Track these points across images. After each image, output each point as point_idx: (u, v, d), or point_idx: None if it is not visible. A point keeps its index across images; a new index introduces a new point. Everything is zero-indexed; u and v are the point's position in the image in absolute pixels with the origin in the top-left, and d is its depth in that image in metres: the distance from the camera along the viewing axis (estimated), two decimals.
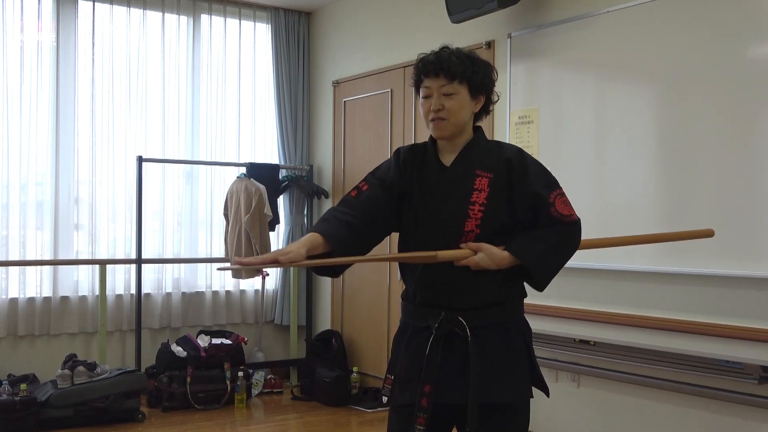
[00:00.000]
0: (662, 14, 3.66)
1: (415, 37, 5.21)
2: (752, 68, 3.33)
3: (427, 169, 2.23)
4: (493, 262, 2.09)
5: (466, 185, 2.16)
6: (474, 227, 2.12)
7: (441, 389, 2.11)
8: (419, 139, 5.16)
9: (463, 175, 2.17)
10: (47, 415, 4.61)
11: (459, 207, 2.14)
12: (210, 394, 5.25)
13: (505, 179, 2.14)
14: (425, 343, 2.13)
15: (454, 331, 2.12)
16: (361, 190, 2.24)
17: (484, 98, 2.24)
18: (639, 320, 3.58)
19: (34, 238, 5.32)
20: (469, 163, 2.19)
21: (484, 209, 2.12)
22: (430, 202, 2.18)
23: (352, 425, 5.02)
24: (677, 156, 3.60)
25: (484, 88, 2.23)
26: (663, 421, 3.66)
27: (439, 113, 2.17)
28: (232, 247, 5.63)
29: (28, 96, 5.29)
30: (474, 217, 2.12)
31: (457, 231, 2.13)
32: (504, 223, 2.14)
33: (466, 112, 2.20)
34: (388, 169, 2.27)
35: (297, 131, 6.20)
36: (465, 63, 2.18)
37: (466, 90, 2.18)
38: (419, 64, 2.24)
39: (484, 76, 2.22)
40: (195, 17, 5.86)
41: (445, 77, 2.16)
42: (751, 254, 3.30)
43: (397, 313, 5.73)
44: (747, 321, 3.26)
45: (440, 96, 2.17)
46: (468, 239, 2.12)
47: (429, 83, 2.20)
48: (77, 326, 5.42)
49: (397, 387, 2.21)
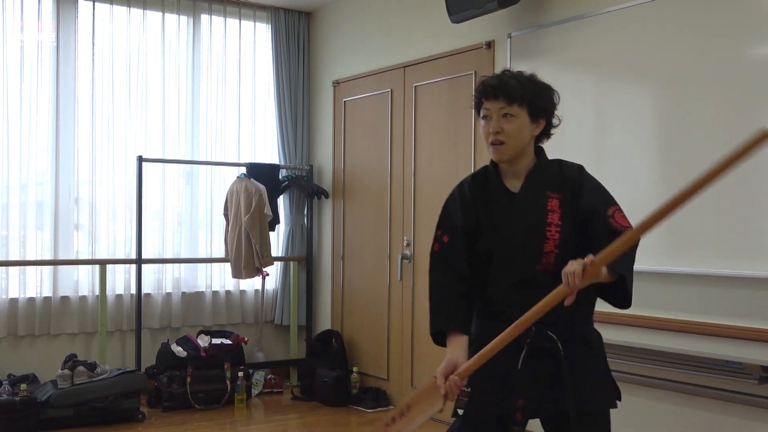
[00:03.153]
0: (662, 14, 3.66)
1: (415, 38, 5.21)
2: (752, 68, 3.33)
3: (493, 196, 2.25)
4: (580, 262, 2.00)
5: (539, 208, 2.19)
6: (553, 248, 2.16)
7: (534, 404, 2.16)
8: (419, 140, 5.17)
9: (535, 199, 2.20)
10: (47, 415, 4.61)
11: (536, 230, 2.17)
12: (210, 394, 5.25)
13: (569, 198, 2.20)
14: (511, 358, 2.16)
15: (543, 345, 2.16)
16: (443, 242, 2.27)
17: (544, 122, 2.25)
18: (639, 320, 3.58)
19: (34, 238, 5.32)
20: (538, 185, 2.22)
21: (560, 229, 2.17)
22: (505, 228, 2.20)
23: (352, 425, 5.02)
24: (677, 156, 3.60)
25: (545, 111, 2.24)
26: (663, 421, 3.66)
27: (498, 136, 2.18)
28: (232, 247, 5.63)
29: (28, 96, 5.29)
30: (552, 238, 2.16)
31: (536, 254, 2.17)
32: (576, 242, 2.18)
33: (525, 136, 2.21)
34: (456, 211, 2.28)
35: (297, 131, 6.20)
36: (525, 86, 2.20)
37: (525, 113, 2.19)
38: (480, 87, 2.24)
39: (545, 100, 2.24)
40: (195, 17, 5.86)
41: (504, 100, 2.17)
42: (751, 254, 3.30)
43: (397, 313, 5.76)
44: (747, 321, 3.25)
45: (499, 118, 2.18)
46: (548, 260, 2.16)
47: (489, 105, 2.20)
48: (77, 326, 5.42)
49: (477, 398, 2.21)
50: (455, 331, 2.20)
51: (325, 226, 6.13)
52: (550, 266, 2.17)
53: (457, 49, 4.86)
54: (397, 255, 5.33)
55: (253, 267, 5.64)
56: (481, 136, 2.29)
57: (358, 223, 5.76)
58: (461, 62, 4.85)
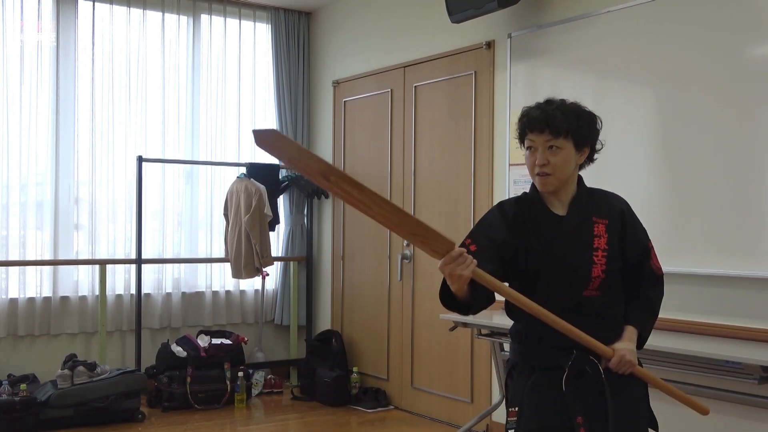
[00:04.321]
0: (662, 14, 3.66)
1: (415, 37, 5.21)
2: (752, 68, 3.33)
3: (540, 220, 2.25)
4: (633, 351, 2.23)
5: (587, 232, 2.22)
6: (600, 272, 2.19)
7: (592, 418, 2.16)
8: (419, 139, 5.18)
9: (582, 223, 2.23)
10: (47, 415, 4.61)
11: (584, 255, 2.20)
12: (210, 394, 5.25)
13: (618, 226, 2.25)
14: (555, 380, 2.19)
15: (584, 369, 2.18)
16: (469, 250, 2.16)
17: (588, 149, 2.29)
18: None
19: (34, 238, 5.32)
20: (585, 211, 2.25)
21: (606, 254, 2.21)
22: (553, 252, 2.21)
23: (352, 425, 5.02)
24: (677, 155, 3.60)
25: (589, 140, 2.27)
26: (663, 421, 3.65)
27: (544, 168, 2.19)
28: (232, 247, 5.63)
29: (28, 96, 5.29)
30: (599, 263, 2.19)
31: (584, 278, 2.19)
32: (619, 266, 2.24)
33: (570, 166, 2.23)
34: (493, 226, 2.24)
35: (297, 131, 6.20)
36: (570, 118, 2.21)
37: (571, 144, 2.21)
38: (524, 118, 2.24)
39: (590, 129, 2.27)
40: (195, 17, 5.86)
41: (550, 133, 2.18)
42: (751, 254, 3.30)
43: (397, 313, 5.74)
44: (747, 321, 3.26)
45: (545, 150, 2.19)
46: (594, 285, 2.20)
47: (534, 137, 2.21)
48: (77, 326, 5.42)
49: (531, 415, 2.22)
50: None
51: (325, 226, 6.13)
52: (594, 291, 2.21)
53: (457, 49, 4.86)
54: (397, 255, 5.33)
55: (253, 267, 5.64)
56: (481, 136, 2.29)
57: (358, 223, 5.75)
58: (461, 62, 4.85)
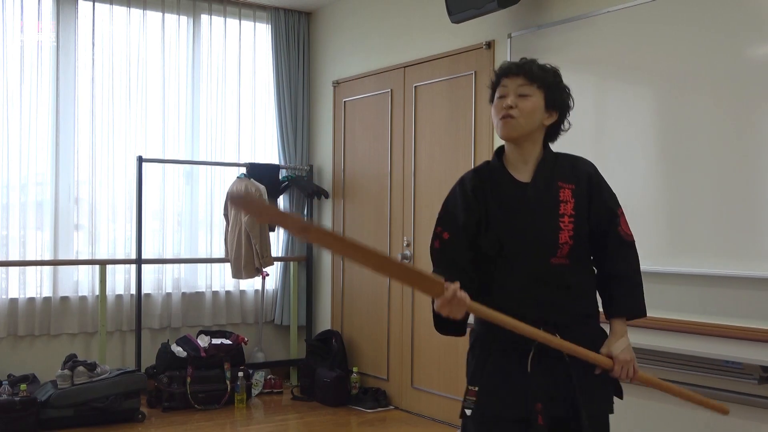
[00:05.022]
0: (662, 14, 3.66)
1: (415, 37, 5.21)
2: (752, 68, 3.33)
3: (502, 188, 2.21)
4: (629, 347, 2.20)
5: (552, 198, 2.16)
6: (568, 239, 2.14)
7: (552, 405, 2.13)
8: (419, 140, 5.17)
9: (547, 189, 2.18)
10: (47, 415, 4.61)
11: (550, 221, 2.14)
12: (210, 394, 5.25)
13: (585, 190, 2.19)
14: (519, 360, 2.13)
15: (550, 349, 2.12)
16: (443, 239, 2.22)
17: (556, 116, 2.23)
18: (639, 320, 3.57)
19: (34, 238, 5.32)
20: (549, 175, 2.19)
21: (573, 219, 2.15)
22: (517, 219, 2.16)
23: (352, 425, 5.02)
24: (677, 156, 3.60)
25: (559, 104, 2.23)
26: (663, 421, 3.66)
27: (511, 110, 2.15)
28: (232, 247, 5.63)
29: (28, 96, 5.29)
30: (566, 228, 2.14)
31: (551, 245, 2.14)
32: (586, 232, 2.19)
33: (536, 118, 2.18)
34: (457, 207, 2.22)
35: (297, 131, 6.20)
36: (547, 72, 2.22)
37: (542, 97, 2.18)
38: (502, 66, 2.26)
39: (562, 93, 2.24)
40: (195, 17, 5.86)
41: (525, 77, 2.17)
42: (751, 254, 3.30)
43: (397, 313, 5.74)
44: (747, 321, 3.25)
45: (516, 96, 2.16)
46: (563, 252, 2.14)
47: (507, 82, 2.19)
48: (77, 326, 5.42)
49: (486, 399, 2.17)
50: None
51: (325, 226, 6.12)
52: (563, 259, 2.15)
53: (457, 49, 4.86)
54: (397, 255, 5.33)
55: (253, 267, 5.64)
56: (481, 136, 2.28)
57: (358, 223, 5.75)
58: (461, 62, 4.85)
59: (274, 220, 2.05)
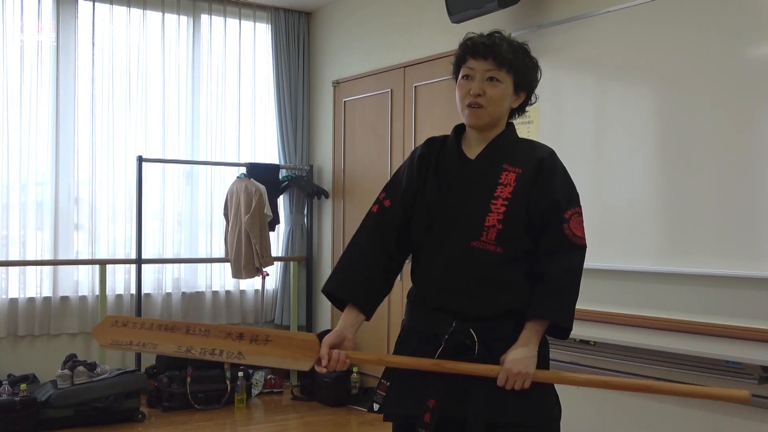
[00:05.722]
0: (662, 14, 3.65)
1: (415, 37, 5.21)
2: (752, 68, 3.33)
3: (445, 162, 2.08)
4: (526, 359, 1.92)
5: (490, 179, 2.01)
6: (495, 222, 1.96)
7: (446, 403, 1.96)
8: (419, 140, 5.17)
9: (489, 169, 2.02)
10: (47, 415, 4.61)
11: (480, 201, 1.98)
12: (210, 394, 5.25)
13: (532, 177, 2.00)
14: (431, 353, 1.98)
15: (464, 343, 1.96)
16: (383, 206, 2.13)
17: (524, 96, 2.10)
18: (639, 320, 3.58)
19: (34, 238, 5.32)
20: (497, 156, 2.04)
21: (507, 204, 1.96)
22: (449, 196, 2.02)
23: (352, 425, 5.02)
24: (677, 156, 3.60)
25: (529, 84, 2.09)
26: (663, 421, 3.66)
27: (478, 99, 2.01)
28: (232, 247, 5.63)
29: (28, 96, 5.29)
30: (496, 212, 1.96)
31: (476, 226, 1.97)
32: (522, 220, 1.98)
33: (505, 104, 2.05)
34: (402, 174, 2.14)
35: (297, 131, 6.20)
36: (517, 53, 2.04)
37: (511, 81, 2.03)
38: (468, 43, 2.06)
39: (532, 72, 2.09)
40: (195, 17, 5.86)
41: (494, 62, 2.00)
42: (751, 254, 3.30)
43: (397, 313, 5.75)
44: (747, 321, 3.25)
45: (483, 81, 2.01)
46: (489, 236, 1.96)
47: (474, 65, 2.02)
48: (77, 326, 5.42)
49: (392, 396, 2.04)
50: (354, 307, 2.07)
51: (325, 226, 6.12)
52: (489, 244, 1.97)
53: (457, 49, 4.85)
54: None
55: (253, 267, 5.64)
56: None
57: (358, 223, 5.71)
58: None
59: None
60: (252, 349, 2.04)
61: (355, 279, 2.09)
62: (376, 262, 2.09)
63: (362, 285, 2.08)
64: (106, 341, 2.07)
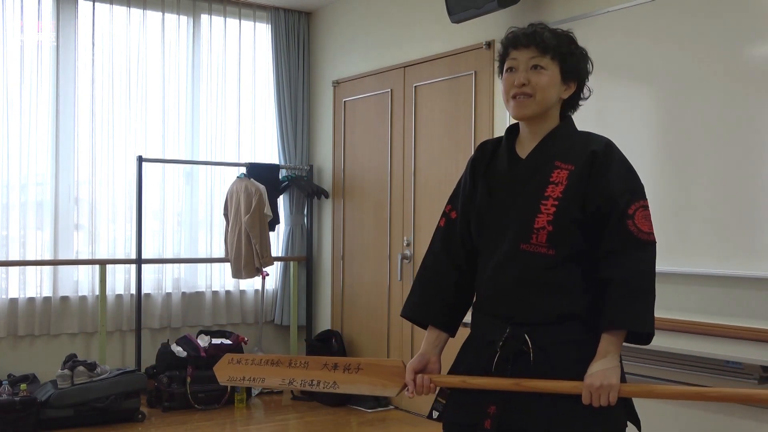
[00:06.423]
0: (662, 14, 3.66)
1: (415, 37, 5.21)
2: (752, 68, 3.33)
3: (497, 162, 2.00)
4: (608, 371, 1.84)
5: (541, 178, 1.91)
6: (546, 224, 1.86)
7: (509, 413, 1.88)
8: (419, 140, 5.17)
9: (540, 167, 1.93)
10: (47, 415, 4.61)
11: (529, 202, 1.89)
12: (210, 394, 5.25)
13: (586, 173, 1.88)
14: (489, 361, 1.93)
15: (521, 350, 1.89)
16: (450, 218, 2.07)
17: (575, 86, 1.98)
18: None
19: (34, 238, 5.32)
20: (549, 153, 1.93)
21: (557, 204, 1.86)
22: (498, 199, 1.96)
23: (352, 425, 5.02)
24: (677, 156, 3.60)
25: (578, 74, 1.98)
26: (663, 421, 3.66)
27: (524, 88, 1.91)
28: (232, 247, 5.63)
29: (28, 96, 5.29)
30: (546, 212, 1.86)
31: (526, 228, 1.89)
32: (576, 219, 1.88)
33: (553, 93, 1.93)
34: (460, 183, 2.10)
35: (297, 131, 6.20)
36: (561, 39, 1.95)
37: (557, 68, 1.93)
38: (509, 35, 1.98)
39: (580, 61, 1.98)
40: (195, 17, 5.86)
41: (537, 49, 1.91)
42: (751, 254, 3.30)
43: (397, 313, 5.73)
44: (747, 321, 3.25)
45: (528, 70, 1.91)
46: (540, 238, 1.87)
47: (516, 55, 1.93)
48: (77, 326, 5.42)
49: (452, 403, 2.01)
50: (435, 328, 2.08)
51: (325, 226, 6.13)
52: (541, 246, 1.88)
53: (457, 49, 4.86)
54: (397, 255, 5.33)
55: (253, 267, 5.64)
56: (481, 136, 2.22)
57: (358, 223, 5.75)
58: (461, 62, 4.85)
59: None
60: (345, 378, 2.13)
61: (428, 300, 2.10)
62: (445, 279, 2.07)
63: (436, 305, 2.09)
64: (224, 378, 2.24)
